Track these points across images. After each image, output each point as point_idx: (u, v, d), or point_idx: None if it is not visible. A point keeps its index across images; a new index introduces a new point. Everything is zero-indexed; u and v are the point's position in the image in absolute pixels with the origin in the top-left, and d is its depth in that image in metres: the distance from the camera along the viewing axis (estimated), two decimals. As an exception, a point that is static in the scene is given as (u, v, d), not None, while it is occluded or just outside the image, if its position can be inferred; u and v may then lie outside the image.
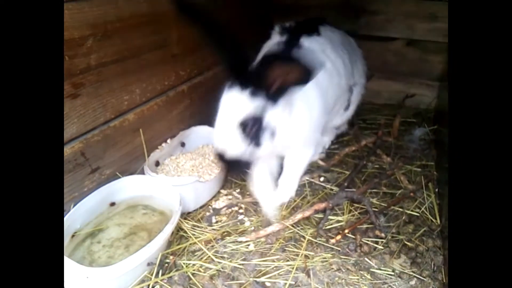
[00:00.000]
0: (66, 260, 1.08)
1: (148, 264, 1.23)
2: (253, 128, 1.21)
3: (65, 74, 1.14)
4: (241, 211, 1.62)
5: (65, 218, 1.22)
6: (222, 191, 1.72)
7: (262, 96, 1.19)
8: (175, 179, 1.48)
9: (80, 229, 1.30)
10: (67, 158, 1.21)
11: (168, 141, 1.72)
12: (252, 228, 1.52)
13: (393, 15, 2.37)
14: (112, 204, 1.42)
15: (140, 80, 1.47)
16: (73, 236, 1.27)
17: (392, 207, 1.61)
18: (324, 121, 1.55)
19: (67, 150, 1.21)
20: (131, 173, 1.53)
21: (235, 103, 1.21)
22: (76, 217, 1.27)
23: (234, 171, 1.38)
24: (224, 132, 1.24)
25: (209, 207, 1.62)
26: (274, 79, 1.12)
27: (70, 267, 1.08)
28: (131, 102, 1.46)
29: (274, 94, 1.20)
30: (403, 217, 1.56)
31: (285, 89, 1.19)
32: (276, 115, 1.24)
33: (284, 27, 1.64)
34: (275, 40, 1.63)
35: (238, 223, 1.55)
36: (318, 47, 1.56)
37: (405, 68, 2.47)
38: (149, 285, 1.20)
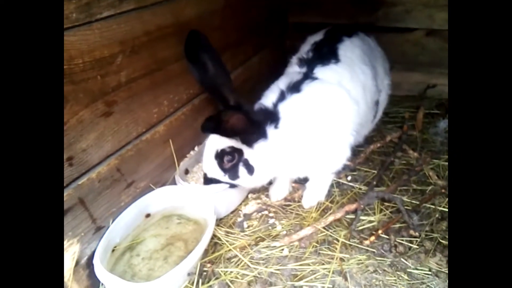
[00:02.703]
0: (111, 276, 1.11)
1: (188, 274, 1.26)
2: (229, 161, 1.39)
3: (98, 93, 1.15)
4: (271, 214, 1.63)
5: (105, 234, 1.25)
6: (250, 195, 1.73)
7: (235, 139, 1.35)
8: (206, 187, 1.49)
9: (119, 243, 1.33)
10: (104, 176, 1.23)
11: (196, 148, 1.73)
12: (284, 232, 1.53)
13: (411, 6, 2.31)
14: (148, 215, 1.44)
15: (167, 91, 1.48)
16: (113, 250, 1.30)
17: (424, 205, 1.59)
18: (343, 138, 1.54)
19: (104, 167, 1.23)
20: (163, 184, 1.55)
21: (216, 138, 1.41)
22: (115, 232, 1.30)
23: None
24: (206, 157, 1.44)
25: (239, 212, 1.64)
26: (227, 126, 1.22)
27: (114, 282, 1.11)
28: (160, 114, 1.46)
29: (246, 138, 1.35)
30: (436, 215, 1.55)
31: (243, 135, 1.33)
32: (255, 156, 1.39)
33: (300, 58, 1.64)
34: (292, 70, 1.65)
35: (270, 228, 1.56)
36: (335, 78, 1.54)
37: (425, 59, 2.41)
38: (190, 295, 1.22)
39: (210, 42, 1.44)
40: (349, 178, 1.81)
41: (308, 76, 1.52)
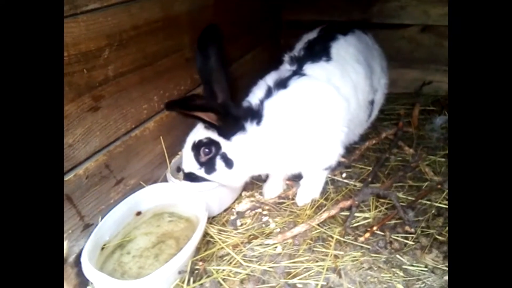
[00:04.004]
0: (99, 274, 1.09)
1: (179, 272, 1.23)
2: (206, 154, 1.38)
3: (85, 88, 1.13)
4: (265, 212, 1.61)
5: (94, 231, 1.22)
6: (244, 193, 1.71)
7: (213, 130, 1.36)
8: (199, 185, 1.47)
9: (109, 241, 1.30)
10: (92, 172, 1.21)
11: (188, 146, 1.70)
12: (278, 229, 1.51)
13: (406, 1, 2.30)
14: (138, 213, 1.42)
15: (157, 87, 1.46)
16: (102, 248, 1.27)
17: (420, 201, 1.57)
18: (333, 134, 1.53)
19: (92, 163, 1.20)
20: (154, 181, 1.53)
21: (195, 130, 1.43)
22: (104, 230, 1.28)
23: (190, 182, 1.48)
24: (184, 151, 1.44)
25: (233, 210, 1.61)
26: (201, 117, 1.27)
27: (103, 281, 1.08)
28: (150, 110, 1.44)
29: (222, 132, 1.35)
30: (432, 211, 1.53)
31: (227, 130, 1.35)
32: (232, 149, 1.38)
33: (292, 57, 1.64)
34: (283, 68, 1.64)
35: (263, 225, 1.54)
36: (324, 75, 1.53)
37: (421, 55, 2.40)
38: (181, 293, 1.20)
39: (223, 42, 1.46)
40: (344, 175, 1.79)
41: (296, 72, 1.51)
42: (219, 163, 1.39)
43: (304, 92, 1.46)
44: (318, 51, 1.60)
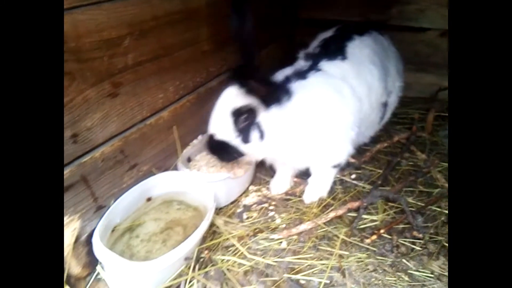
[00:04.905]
0: (109, 253, 1.12)
1: (186, 259, 1.26)
2: (243, 121, 1.32)
3: (105, 74, 1.17)
4: (271, 207, 1.62)
5: (106, 213, 1.26)
6: (251, 187, 1.73)
7: (255, 97, 1.30)
8: (208, 176, 1.49)
9: (119, 223, 1.34)
10: (107, 156, 1.25)
11: (199, 137, 1.73)
12: (284, 225, 1.52)
13: (426, 4, 2.26)
14: (149, 199, 1.45)
15: (173, 78, 1.48)
16: (113, 230, 1.31)
17: (430, 207, 1.55)
18: (344, 131, 1.52)
19: (108, 148, 1.24)
20: (166, 170, 1.56)
21: (232, 96, 1.34)
22: (116, 212, 1.31)
23: (218, 156, 1.41)
24: (217, 117, 1.36)
25: (239, 203, 1.63)
26: (255, 88, 1.25)
27: (113, 260, 1.11)
28: (166, 100, 1.47)
29: (263, 100, 1.30)
30: (442, 218, 1.51)
31: (267, 99, 1.31)
32: (267, 120, 1.34)
33: (307, 54, 1.64)
34: (298, 64, 1.63)
35: (269, 220, 1.55)
36: (338, 73, 1.52)
37: (438, 60, 2.36)
38: (186, 279, 1.22)
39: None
40: (353, 176, 1.78)
41: (312, 67, 1.51)
42: (254, 133, 1.34)
43: (322, 85, 1.46)
44: (334, 49, 1.60)
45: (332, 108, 1.45)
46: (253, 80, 1.23)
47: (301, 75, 1.45)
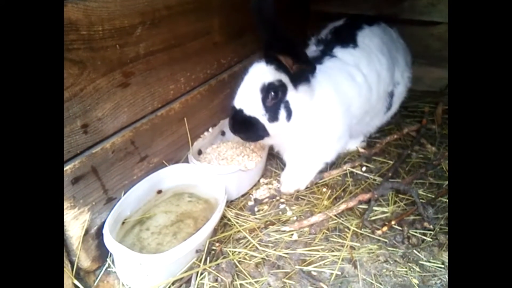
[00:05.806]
0: (120, 246, 1.11)
1: (197, 251, 1.25)
2: (273, 98, 1.28)
3: (116, 63, 1.15)
4: (282, 200, 1.61)
5: (116, 205, 1.25)
6: (262, 180, 1.72)
7: (284, 74, 1.27)
8: (219, 168, 1.48)
9: (129, 216, 1.33)
10: (118, 147, 1.23)
11: (210, 130, 1.72)
12: (295, 217, 1.51)
13: (437, -2, 2.23)
14: (159, 191, 1.45)
15: (184, 69, 1.47)
16: (123, 223, 1.31)
17: (440, 198, 1.55)
18: (345, 128, 1.53)
19: (118, 138, 1.23)
20: (176, 162, 1.55)
21: (261, 72, 1.30)
22: (126, 205, 1.30)
23: (243, 133, 1.37)
24: (245, 93, 1.31)
25: (250, 196, 1.63)
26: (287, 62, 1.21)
27: (123, 253, 1.11)
28: (177, 91, 1.46)
29: (293, 77, 1.27)
30: (453, 209, 1.50)
31: (298, 76, 1.27)
32: (295, 99, 1.31)
33: (318, 39, 1.65)
34: (310, 49, 1.65)
35: (280, 212, 1.54)
36: (352, 60, 1.53)
37: (449, 54, 2.33)
38: (197, 272, 1.22)
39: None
40: (363, 168, 1.78)
41: (326, 53, 1.51)
42: (282, 112, 1.30)
43: (338, 71, 1.46)
44: (345, 37, 1.60)
45: (342, 96, 1.45)
46: (285, 55, 1.17)
47: (317, 60, 1.46)
